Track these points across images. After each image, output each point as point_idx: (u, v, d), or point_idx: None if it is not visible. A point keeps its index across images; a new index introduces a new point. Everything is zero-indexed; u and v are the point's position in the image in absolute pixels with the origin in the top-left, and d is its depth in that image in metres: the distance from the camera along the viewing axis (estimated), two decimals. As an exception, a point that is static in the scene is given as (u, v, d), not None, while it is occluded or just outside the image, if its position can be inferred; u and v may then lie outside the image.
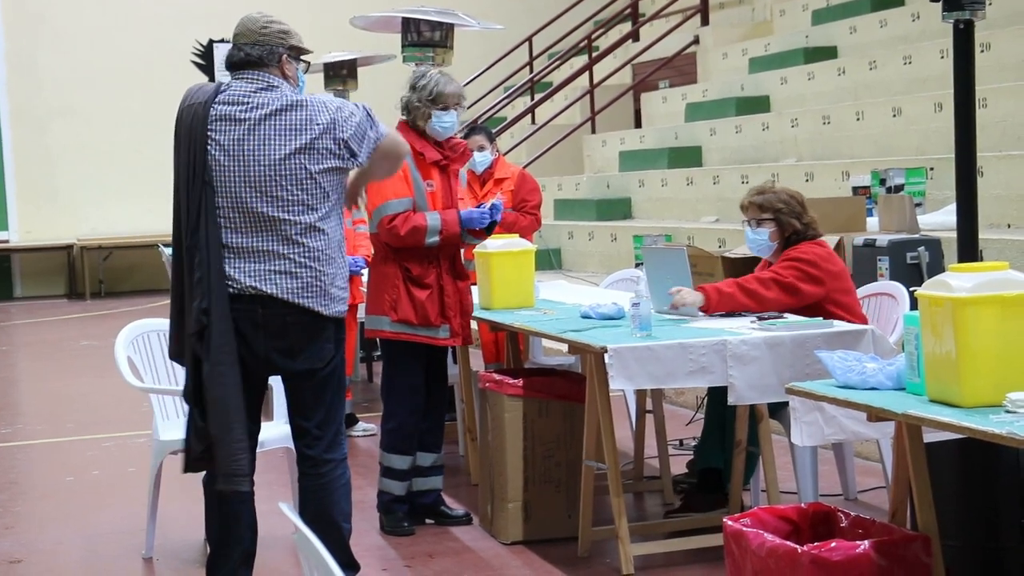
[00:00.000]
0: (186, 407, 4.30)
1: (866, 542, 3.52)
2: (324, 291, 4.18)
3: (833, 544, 3.51)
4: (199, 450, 4.19)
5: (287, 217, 4.11)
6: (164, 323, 5.47)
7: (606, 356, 4.57)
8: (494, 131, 15.67)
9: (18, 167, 16.99)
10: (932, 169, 8.36)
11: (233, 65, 4.21)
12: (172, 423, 5.27)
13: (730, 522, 3.78)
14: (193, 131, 4.10)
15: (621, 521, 4.78)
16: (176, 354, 4.28)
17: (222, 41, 5.62)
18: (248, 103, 4.12)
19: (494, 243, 5.81)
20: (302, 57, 4.33)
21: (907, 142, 9.56)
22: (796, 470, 5.10)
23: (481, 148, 7.17)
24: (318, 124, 4.12)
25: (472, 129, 7.53)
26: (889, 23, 11.61)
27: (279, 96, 4.15)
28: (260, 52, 4.19)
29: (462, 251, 6.68)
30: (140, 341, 5.34)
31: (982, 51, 9.06)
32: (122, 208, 17.04)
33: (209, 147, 4.09)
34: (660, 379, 4.65)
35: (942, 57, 9.80)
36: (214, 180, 4.09)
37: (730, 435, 5.24)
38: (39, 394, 9.98)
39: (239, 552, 4.30)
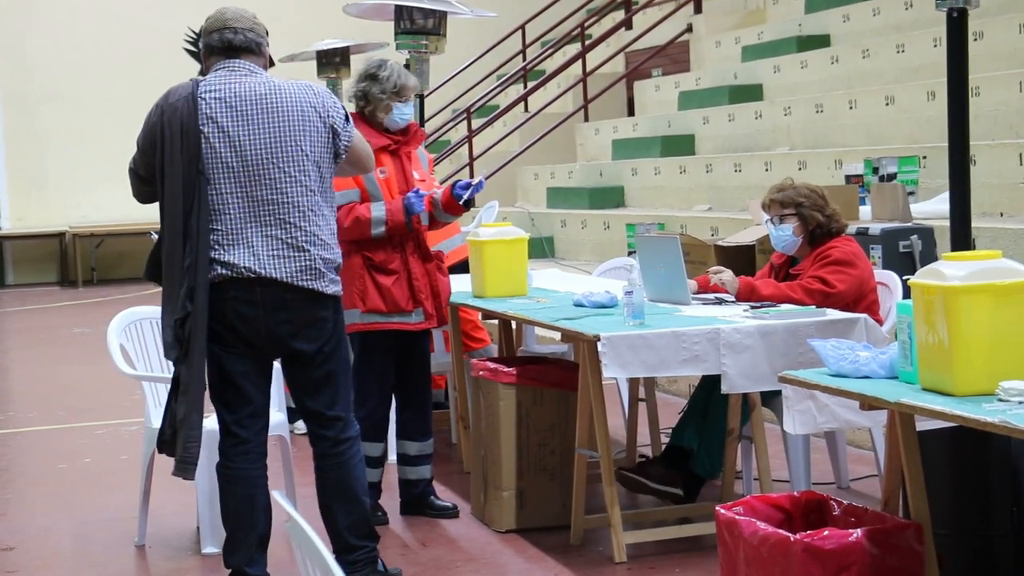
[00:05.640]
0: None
1: (858, 530, 3.52)
2: (322, 273, 4.23)
3: (826, 532, 3.52)
4: (169, 434, 4.27)
5: (284, 200, 4.16)
6: (156, 310, 5.47)
7: (599, 344, 4.57)
8: (487, 119, 15.68)
9: (8, 154, 16.94)
10: (925, 158, 8.35)
11: (231, 47, 4.23)
12: (164, 411, 5.25)
13: (723, 510, 3.78)
14: (184, 124, 4.12)
15: (614, 510, 4.79)
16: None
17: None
18: (235, 90, 4.17)
19: (487, 231, 5.79)
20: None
21: (900, 131, 9.55)
22: (789, 458, 5.11)
23: None
24: (308, 104, 4.21)
25: None
26: (882, 11, 11.60)
27: (264, 80, 4.22)
28: (254, 38, 4.27)
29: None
30: (132, 329, 5.33)
31: (975, 40, 9.05)
32: (114, 195, 16.92)
33: (203, 136, 4.12)
34: (653, 367, 4.65)
35: (935, 45, 9.80)
36: (206, 169, 4.12)
37: (712, 421, 5.22)
38: (31, 381, 9.96)
39: (255, 536, 4.37)
